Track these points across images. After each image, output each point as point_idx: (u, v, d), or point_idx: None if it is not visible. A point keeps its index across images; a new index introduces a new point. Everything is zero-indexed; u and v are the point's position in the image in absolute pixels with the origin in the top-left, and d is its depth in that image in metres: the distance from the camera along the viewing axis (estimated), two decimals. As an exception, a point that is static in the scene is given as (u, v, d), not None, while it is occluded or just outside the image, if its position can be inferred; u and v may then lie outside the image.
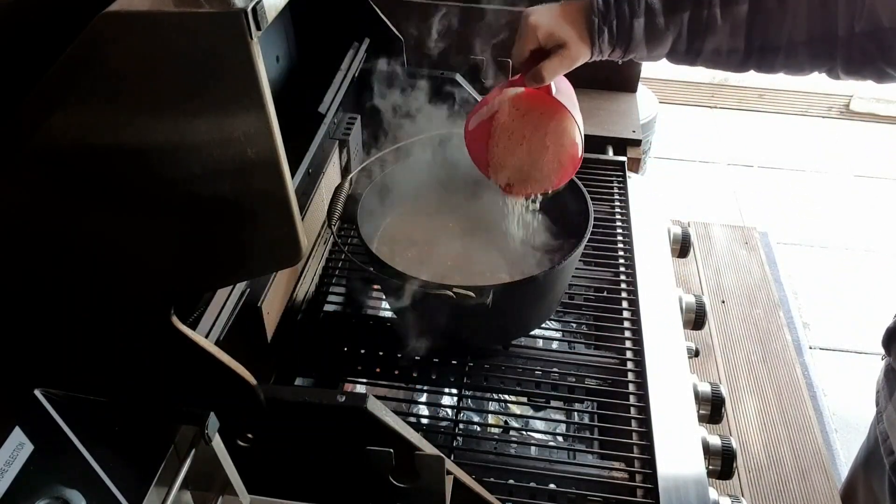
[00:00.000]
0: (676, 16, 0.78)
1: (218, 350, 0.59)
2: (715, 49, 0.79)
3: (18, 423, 0.48)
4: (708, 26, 0.78)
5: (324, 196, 1.01)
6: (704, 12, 0.77)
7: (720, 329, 1.91)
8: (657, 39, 0.79)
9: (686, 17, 0.78)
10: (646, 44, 0.80)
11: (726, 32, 0.78)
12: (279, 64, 1.05)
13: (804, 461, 1.58)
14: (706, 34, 0.78)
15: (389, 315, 1.03)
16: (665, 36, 0.79)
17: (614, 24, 0.78)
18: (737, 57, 0.80)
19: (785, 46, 0.78)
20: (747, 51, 0.79)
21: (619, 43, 0.80)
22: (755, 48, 0.79)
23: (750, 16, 0.77)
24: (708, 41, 0.79)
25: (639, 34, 0.79)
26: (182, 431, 0.55)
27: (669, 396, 0.87)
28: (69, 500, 0.48)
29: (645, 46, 0.80)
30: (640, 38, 0.79)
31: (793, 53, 0.78)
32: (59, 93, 0.46)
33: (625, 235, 1.11)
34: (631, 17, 0.78)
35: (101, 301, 0.55)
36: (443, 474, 0.64)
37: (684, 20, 0.78)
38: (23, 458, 0.47)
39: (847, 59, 0.77)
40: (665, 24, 0.78)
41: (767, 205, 3.00)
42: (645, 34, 0.79)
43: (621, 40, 0.79)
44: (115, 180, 0.50)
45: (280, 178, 0.50)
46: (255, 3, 0.43)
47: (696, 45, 0.80)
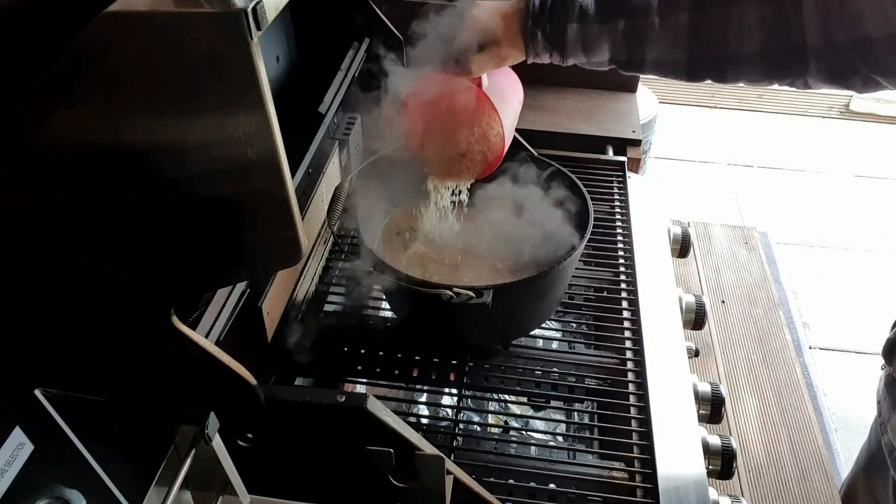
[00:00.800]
0: (611, 23, 0.75)
1: (218, 350, 0.59)
2: (657, 59, 0.76)
3: (18, 423, 0.48)
4: (645, 35, 0.75)
5: (324, 196, 1.01)
6: (640, 20, 0.74)
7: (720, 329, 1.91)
8: (593, 46, 0.77)
9: (621, 25, 0.75)
10: (582, 50, 0.78)
11: (666, 43, 0.75)
12: (279, 64, 1.05)
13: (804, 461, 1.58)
14: (644, 44, 0.76)
15: (389, 315, 1.03)
16: (600, 43, 0.77)
17: (547, 28, 0.77)
18: (681, 68, 0.76)
19: (733, 58, 0.74)
20: (691, 61, 0.75)
21: (553, 47, 0.78)
22: (699, 59, 0.75)
23: (691, 26, 0.73)
24: (648, 51, 0.76)
25: (573, 39, 0.77)
26: (182, 431, 0.55)
27: (669, 396, 0.87)
28: (69, 500, 0.48)
29: (582, 53, 0.78)
30: (576, 44, 0.77)
31: (744, 65, 0.74)
32: (60, 93, 0.46)
33: (625, 235, 1.11)
34: (564, 21, 0.76)
35: (101, 301, 0.55)
36: (443, 474, 0.64)
37: (619, 28, 0.75)
38: (23, 458, 0.47)
39: (824, 69, 0.72)
40: (599, 31, 0.76)
41: (767, 205, 3.00)
42: (580, 40, 0.77)
43: (556, 45, 0.78)
44: (115, 180, 0.50)
45: (280, 178, 0.50)
46: (255, 3, 0.43)
47: (636, 55, 0.77)
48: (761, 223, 2.72)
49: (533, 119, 1.41)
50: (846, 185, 3.13)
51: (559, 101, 1.46)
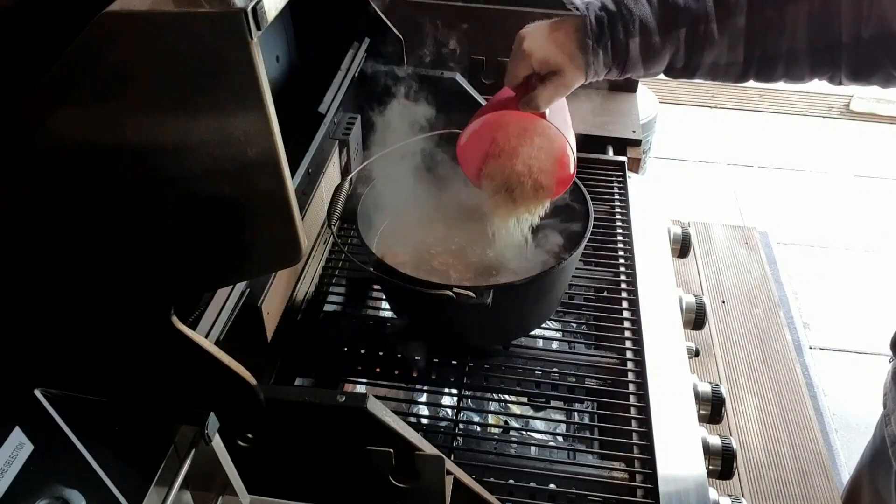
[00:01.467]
0: (673, 33, 0.76)
1: (218, 350, 0.59)
2: (713, 63, 0.78)
3: (18, 423, 0.48)
4: (706, 41, 0.76)
5: (324, 196, 1.01)
6: (701, 27, 0.75)
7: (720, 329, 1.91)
8: (654, 58, 0.77)
9: (682, 34, 0.76)
10: (642, 63, 0.78)
11: (725, 46, 0.76)
12: (279, 64, 1.05)
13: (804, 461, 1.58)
14: (704, 49, 0.76)
15: (389, 315, 1.03)
16: (662, 54, 0.77)
17: (609, 46, 0.76)
18: (736, 69, 0.78)
19: (785, 56, 0.76)
20: (746, 62, 0.77)
21: (615, 64, 0.78)
22: (754, 59, 0.77)
23: (748, 28, 0.75)
24: (706, 56, 0.77)
25: (635, 54, 0.77)
26: (182, 431, 0.55)
27: (669, 396, 0.87)
28: (69, 500, 0.48)
29: (642, 66, 0.78)
30: (637, 58, 0.77)
31: (793, 63, 0.76)
32: (60, 92, 0.46)
33: (625, 235, 1.11)
34: (626, 37, 0.76)
35: (101, 301, 0.55)
36: (443, 474, 0.64)
37: (681, 37, 0.76)
38: (23, 458, 0.47)
39: (853, 66, 0.75)
40: (661, 43, 0.76)
41: (767, 205, 3.00)
42: (641, 54, 0.77)
43: (617, 61, 0.77)
44: (115, 180, 0.50)
45: (280, 178, 0.50)
46: (255, 3, 0.43)
47: (694, 61, 0.78)
48: (761, 223, 2.72)
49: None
50: (846, 185, 3.13)
51: (559, 101, 1.46)
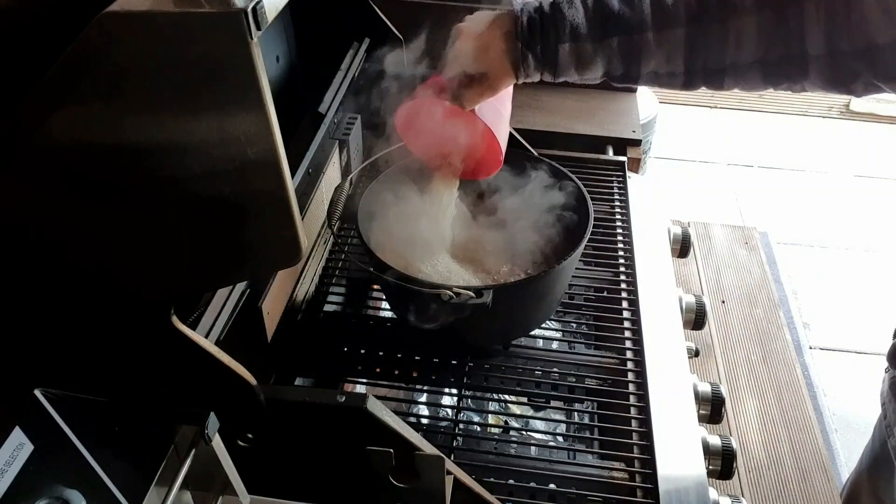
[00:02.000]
0: (605, 41, 0.74)
1: (218, 350, 0.59)
2: (653, 72, 0.76)
3: (18, 423, 0.48)
4: (642, 51, 0.74)
5: (324, 196, 1.01)
6: (635, 37, 0.73)
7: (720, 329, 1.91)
8: (587, 65, 0.76)
9: (615, 43, 0.74)
10: (575, 68, 0.76)
11: (662, 57, 0.74)
12: (279, 64, 1.05)
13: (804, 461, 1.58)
14: (641, 59, 0.74)
15: (389, 315, 1.03)
16: (594, 61, 0.75)
17: (538, 49, 0.75)
18: (678, 79, 0.76)
19: (730, 68, 0.73)
20: (688, 73, 0.75)
21: (545, 67, 0.76)
22: (697, 70, 0.74)
23: (688, 40, 0.73)
24: (644, 65, 0.75)
25: (565, 59, 0.75)
26: (182, 431, 0.55)
27: (669, 396, 0.87)
28: (69, 500, 0.48)
29: (575, 71, 0.76)
30: (568, 63, 0.75)
31: (741, 74, 0.74)
32: (60, 92, 0.46)
33: (625, 235, 1.11)
34: (556, 41, 0.74)
35: (101, 301, 0.55)
36: (443, 474, 0.64)
37: (614, 45, 0.74)
38: (23, 458, 0.47)
39: (825, 75, 0.72)
40: (593, 50, 0.74)
41: (767, 205, 3.00)
42: (573, 59, 0.75)
43: (547, 65, 0.76)
44: (115, 180, 0.50)
45: (280, 178, 0.50)
46: (255, 3, 0.43)
47: (632, 70, 0.76)
48: (761, 223, 2.72)
49: (533, 119, 1.41)
50: (846, 185, 3.13)
51: (559, 101, 1.46)
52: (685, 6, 0.72)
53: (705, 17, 0.72)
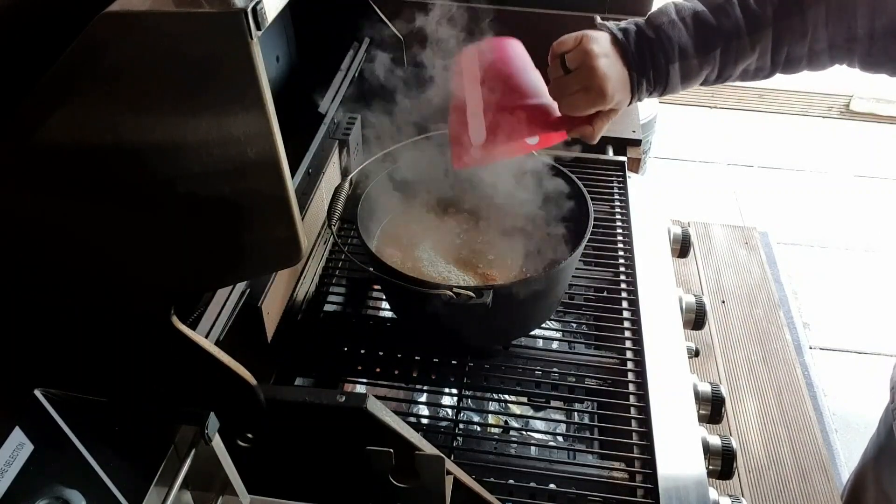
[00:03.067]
0: (709, 53, 0.78)
1: (218, 350, 0.59)
2: (744, 70, 0.81)
3: (18, 423, 0.48)
4: (739, 55, 0.79)
5: (324, 196, 1.01)
6: (734, 43, 0.78)
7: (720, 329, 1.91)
8: (692, 77, 0.80)
9: (718, 53, 0.78)
10: (682, 82, 0.81)
11: (756, 56, 0.79)
12: (279, 64, 1.05)
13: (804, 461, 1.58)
14: (737, 62, 0.79)
15: (389, 315, 1.03)
16: (699, 73, 0.80)
17: (651, 74, 0.78)
18: (764, 72, 0.82)
19: (807, 55, 0.79)
20: (773, 65, 0.81)
21: (656, 88, 0.80)
22: (780, 62, 0.80)
23: (775, 36, 0.78)
24: (738, 66, 0.80)
25: (675, 78, 0.79)
26: (182, 431, 0.55)
27: (669, 396, 0.87)
28: (69, 500, 0.48)
29: (681, 84, 0.81)
30: (677, 81, 0.80)
31: (815, 60, 0.80)
32: (59, 92, 0.46)
33: (625, 235, 1.11)
34: (666, 63, 0.78)
35: (101, 301, 0.55)
36: (443, 474, 0.64)
37: (716, 55, 0.78)
38: (23, 458, 0.47)
39: (865, 57, 0.78)
40: (699, 64, 0.79)
41: (767, 205, 3.00)
42: (681, 77, 0.79)
43: (658, 86, 0.80)
44: (115, 180, 0.50)
45: (280, 178, 0.50)
46: (255, 3, 0.43)
47: (727, 72, 0.81)
48: (761, 223, 2.72)
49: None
50: (846, 185, 3.13)
51: (559, 101, 1.46)
52: (770, 5, 0.77)
53: (788, 12, 0.77)
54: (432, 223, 1.00)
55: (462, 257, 0.95)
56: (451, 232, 0.99)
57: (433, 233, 0.98)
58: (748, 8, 0.77)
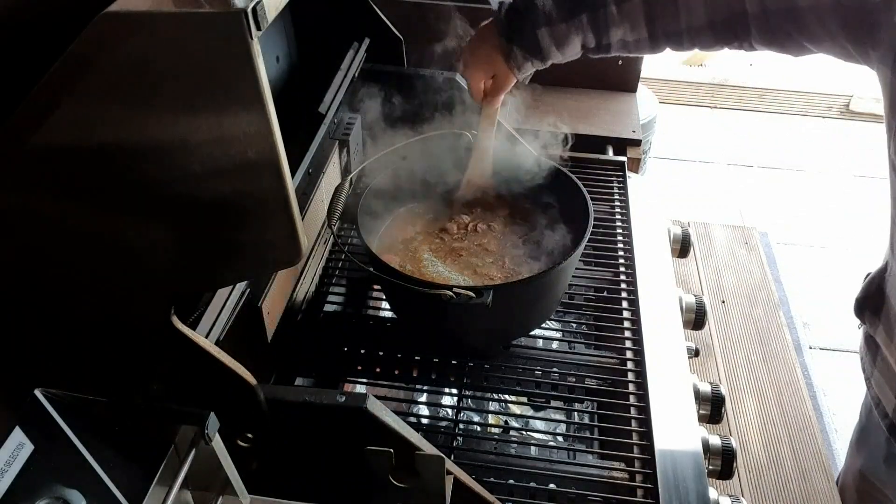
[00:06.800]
0: (575, 18, 0.83)
1: (218, 350, 0.59)
2: (621, 40, 0.85)
3: (18, 423, 0.48)
4: (608, 23, 0.83)
5: (324, 196, 1.01)
6: (601, 11, 0.82)
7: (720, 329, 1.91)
8: (565, 42, 0.84)
9: (585, 19, 0.83)
10: (556, 48, 0.85)
11: (627, 26, 0.83)
12: (279, 64, 1.05)
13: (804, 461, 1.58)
14: (609, 29, 0.83)
15: (389, 315, 1.03)
16: (570, 38, 0.84)
17: (522, 41, 0.84)
18: (645, 44, 0.85)
19: (686, 31, 0.83)
20: (652, 37, 0.84)
21: (531, 54, 0.85)
22: (659, 35, 0.84)
23: (645, 8, 0.82)
24: (612, 34, 0.84)
25: (546, 42, 0.84)
26: (182, 431, 0.55)
27: (669, 396, 0.87)
28: (69, 500, 0.48)
29: (557, 51, 0.85)
30: (549, 45, 0.84)
31: (696, 36, 0.84)
32: (60, 92, 0.46)
33: (625, 235, 1.11)
34: (533, 27, 0.83)
35: (101, 301, 0.55)
36: (443, 474, 0.64)
37: (584, 21, 0.83)
38: (23, 458, 0.47)
39: (763, 33, 0.81)
40: (567, 28, 0.83)
41: (767, 205, 3.00)
42: (552, 41, 0.84)
43: (532, 51, 0.85)
44: (115, 180, 0.50)
45: (280, 178, 0.50)
46: (255, 3, 0.43)
47: (604, 41, 0.85)
48: (761, 223, 2.72)
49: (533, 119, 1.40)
50: (846, 185, 3.13)
51: (559, 101, 1.46)
52: None
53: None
54: (432, 223, 1.00)
55: (462, 257, 0.95)
56: (452, 232, 0.99)
57: (433, 233, 0.98)
58: None
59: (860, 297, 0.96)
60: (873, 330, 0.93)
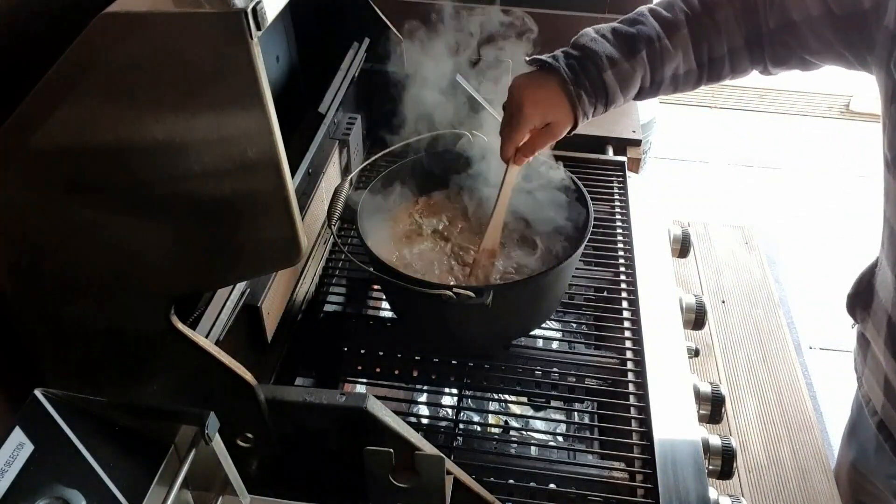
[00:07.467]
0: (636, 56, 0.84)
1: (218, 350, 0.59)
2: (673, 74, 0.87)
3: (18, 423, 0.48)
4: (665, 56, 0.85)
5: (324, 196, 1.01)
6: (656, 45, 0.84)
7: (720, 329, 1.91)
8: (629, 82, 0.85)
9: (645, 55, 0.84)
10: (621, 90, 0.85)
11: (680, 57, 0.85)
12: (279, 64, 1.05)
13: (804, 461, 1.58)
14: (665, 63, 0.85)
15: (389, 315, 1.03)
16: (634, 77, 0.85)
17: (587, 85, 0.83)
18: (693, 76, 0.87)
19: (727, 54, 0.86)
20: (699, 67, 0.87)
21: (598, 100, 0.85)
22: (705, 63, 0.87)
23: (692, 36, 0.85)
24: (667, 69, 0.86)
25: (612, 84, 0.84)
26: (182, 431, 0.55)
27: (669, 396, 0.87)
28: (69, 500, 0.48)
29: (621, 94, 0.85)
30: (615, 88, 0.84)
31: (736, 58, 0.86)
32: (60, 92, 0.46)
33: (625, 235, 1.10)
34: (598, 72, 0.83)
35: (101, 301, 0.55)
36: (443, 474, 0.64)
37: (644, 57, 0.84)
38: (23, 458, 0.47)
39: (773, 53, 0.85)
40: (631, 67, 0.84)
41: (767, 205, 2.99)
42: (617, 81, 0.84)
43: (599, 95, 0.84)
44: (115, 180, 0.50)
45: (280, 178, 0.50)
46: (255, 3, 0.43)
47: (658, 76, 0.86)
48: (761, 223, 2.71)
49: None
50: (846, 185, 3.13)
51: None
52: (681, 11, 0.85)
53: (698, 14, 0.85)
54: (433, 223, 1.00)
55: (462, 256, 0.95)
56: (452, 232, 0.99)
57: (433, 233, 0.98)
58: (660, 15, 0.85)
59: (851, 293, 0.97)
60: (864, 326, 0.93)
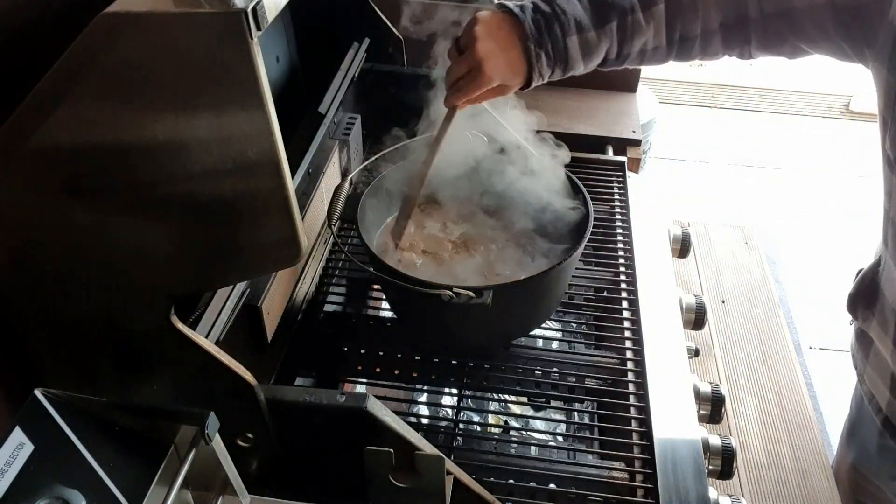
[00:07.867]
0: (606, 27, 0.80)
1: (218, 350, 0.59)
2: (641, 49, 0.83)
3: (18, 423, 0.48)
4: (635, 30, 0.81)
5: (324, 196, 1.01)
6: (629, 18, 0.80)
7: (720, 329, 1.90)
8: (592, 53, 0.81)
9: (614, 27, 0.80)
10: (582, 59, 0.81)
11: (651, 33, 0.82)
12: (279, 64, 1.05)
13: (804, 461, 1.58)
14: (634, 38, 0.81)
15: (389, 315, 1.03)
16: (599, 48, 0.81)
17: (549, 48, 0.79)
18: (660, 52, 0.84)
19: (700, 35, 0.82)
20: (668, 45, 0.83)
21: (557, 63, 0.81)
22: (675, 41, 0.83)
23: (668, 13, 0.81)
24: (635, 43, 0.82)
25: (574, 51, 0.80)
26: (182, 431, 0.55)
27: (669, 396, 0.87)
28: (69, 500, 0.48)
29: (582, 62, 0.82)
30: (577, 55, 0.81)
31: (707, 41, 0.83)
32: (60, 92, 0.46)
33: (625, 235, 1.10)
34: (563, 36, 0.79)
35: (101, 301, 0.55)
36: (443, 474, 0.64)
37: (613, 29, 0.80)
38: (23, 458, 0.47)
39: (761, 39, 0.81)
40: (597, 38, 0.80)
41: (767, 205, 2.99)
42: (581, 50, 0.80)
43: (559, 60, 0.81)
44: (115, 180, 0.50)
45: (280, 178, 0.50)
46: (255, 3, 0.43)
47: (625, 50, 0.83)
48: (761, 223, 2.71)
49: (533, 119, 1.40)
50: (846, 185, 3.13)
51: (559, 101, 1.46)
52: None
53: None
54: (432, 223, 1.00)
55: (462, 256, 0.95)
56: (452, 232, 0.99)
57: (433, 232, 0.98)
58: None
59: (853, 292, 0.97)
60: (866, 325, 0.93)
